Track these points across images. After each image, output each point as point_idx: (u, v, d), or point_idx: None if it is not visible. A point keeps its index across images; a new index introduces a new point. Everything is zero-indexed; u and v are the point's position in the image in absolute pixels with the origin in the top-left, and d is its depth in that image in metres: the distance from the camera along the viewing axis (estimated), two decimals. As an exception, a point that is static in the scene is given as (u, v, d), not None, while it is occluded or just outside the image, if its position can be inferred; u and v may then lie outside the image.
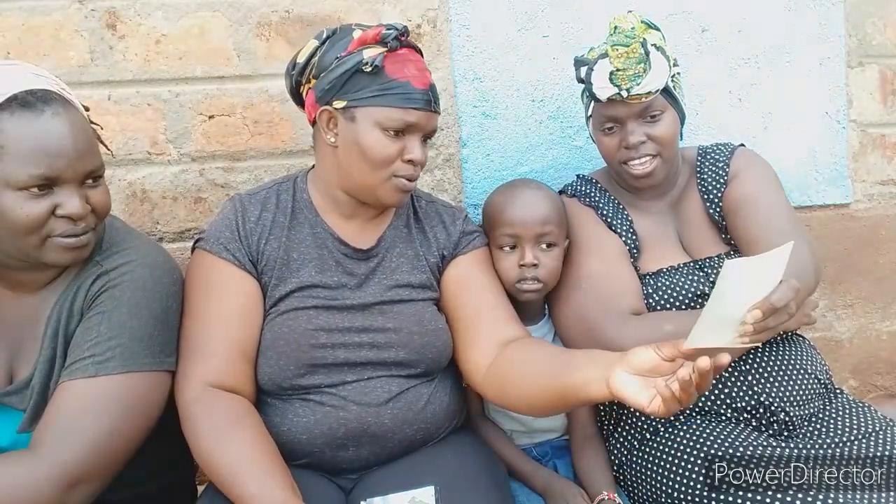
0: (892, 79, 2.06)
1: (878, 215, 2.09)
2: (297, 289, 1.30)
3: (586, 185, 1.62)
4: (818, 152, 2.02)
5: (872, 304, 2.12)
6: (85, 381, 1.11)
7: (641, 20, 1.45)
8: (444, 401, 1.35)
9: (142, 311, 1.18)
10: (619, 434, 1.50)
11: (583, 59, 1.49)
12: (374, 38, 1.26)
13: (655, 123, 1.46)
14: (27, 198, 1.08)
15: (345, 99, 1.26)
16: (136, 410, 1.15)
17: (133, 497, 1.28)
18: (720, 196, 1.53)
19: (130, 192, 1.73)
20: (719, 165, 1.57)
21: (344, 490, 1.28)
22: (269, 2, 1.73)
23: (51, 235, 1.11)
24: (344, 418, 1.24)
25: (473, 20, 1.82)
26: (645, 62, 1.40)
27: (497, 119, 1.86)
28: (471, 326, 1.34)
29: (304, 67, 1.31)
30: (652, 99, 1.43)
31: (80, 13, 1.68)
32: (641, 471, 1.40)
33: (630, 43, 1.40)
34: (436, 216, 1.46)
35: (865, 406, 1.46)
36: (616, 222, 1.54)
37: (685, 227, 1.56)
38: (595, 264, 1.49)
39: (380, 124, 1.25)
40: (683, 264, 1.50)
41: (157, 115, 1.73)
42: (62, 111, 1.11)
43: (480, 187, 1.86)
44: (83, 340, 1.15)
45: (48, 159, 1.07)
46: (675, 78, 1.49)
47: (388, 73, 1.25)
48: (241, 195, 1.39)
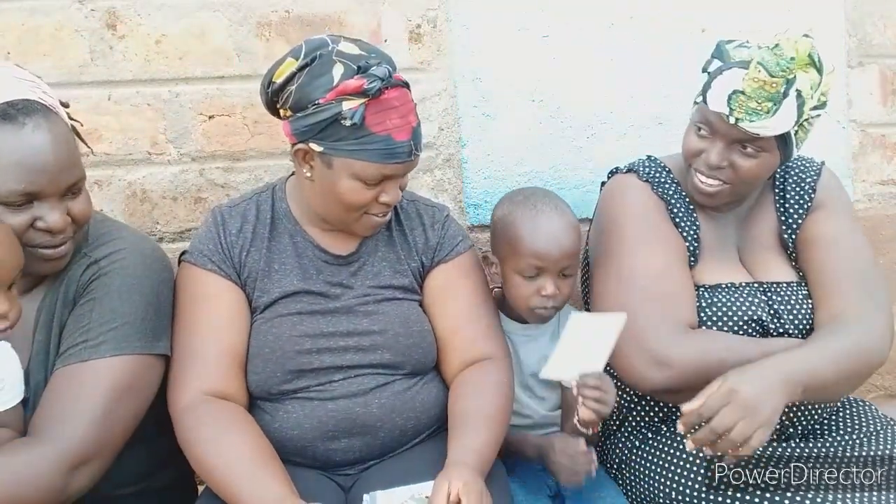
0: (892, 79, 2.06)
1: (878, 215, 2.09)
2: (280, 297, 1.31)
3: (660, 172, 1.47)
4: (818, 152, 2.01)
5: (872, 304, 2.12)
6: (78, 365, 1.13)
7: (809, 53, 1.25)
8: (432, 392, 1.35)
9: (133, 297, 1.19)
10: (621, 433, 1.49)
11: (723, 49, 1.31)
12: (354, 90, 1.17)
13: (747, 157, 1.30)
14: (6, 211, 1.08)
15: (322, 145, 1.23)
16: (130, 392, 1.16)
17: (135, 493, 1.29)
18: (800, 224, 1.41)
19: (130, 192, 1.73)
20: (804, 188, 1.44)
21: (343, 488, 1.28)
22: (269, 2, 1.73)
23: (30, 245, 1.12)
24: (333, 409, 1.26)
25: (473, 20, 1.82)
26: (776, 103, 1.23)
27: (497, 119, 1.86)
28: (445, 343, 1.37)
29: (279, 89, 1.25)
30: (760, 137, 1.28)
31: (80, 13, 1.68)
32: (641, 470, 1.40)
33: (777, 74, 1.22)
34: (416, 218, 1.44)
35: (866, 405, 1.46)
36: (684, 224, 1.41)
37: (751, 243, 1.44)
38: (654, 261, 1.35)
39: (356, 176, 1.23)
40: (746, 283, 1.38)
41: (157, 115, 1.73)
42: (43, 123, 1.10)
43: (480, 187, 1.86)
44: (75, 328, 1.16)
45: (29, 175, 1.07)
46: (804, 124, 1.31)
47: (367, 125, 1.19)
48: (222, 208, 1.39)
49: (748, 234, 1.46)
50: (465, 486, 1.07)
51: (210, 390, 1.22)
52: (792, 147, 1.33)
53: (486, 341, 1.38)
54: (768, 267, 1.42)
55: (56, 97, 1.20)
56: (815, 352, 1.24)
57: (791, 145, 1.32)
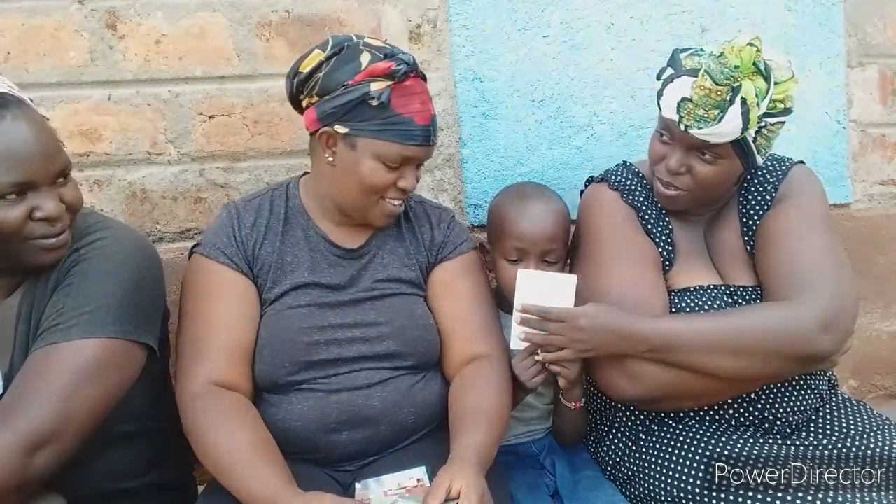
0: (892, 79, 2.06)
1: (878, 215, 2.09)
2: (291, 289, 1.34)
3: (632, 178, 1.49)
4: (818, 152, 2.01)
5: (872, 304, 2.12)
6: (46, 348, 1.12)
7: (754, 62, 1.25)
8: (434, 389, 1.37)
9: (110, 281, 1.18)
10: (612, 435, 1.49)
11: (677, 58, 1.34)
12: (382, 72, 1.26)
13: (705, 164, 1.33)
14: (2, 206, 1.09)
15: (347, 126, 1.29)
16: (97, 376, 1.13)
17: (131, 490, 1.30)
18: (757, 223, 1.41)
19: (130, 192, 1.74)
20: (767, 188, 1.42)
21: (342, 485, 1.29)
22: (269, 2, 1.73)
23: (30, 238, 1.13)
24: (336, 402, 1.28)
25: (473, 20, 1.82)
26: (723, 110, 1.24)
27: (497, 119, 1.86)
28: (445, 338, 1.41)
29: (306, 79, 1.31)
30: (713, 144, 1.29)
31: (80, 13, 1.68)
32: (637, 470, 1.39)
33: (721, 82, 1.24)
34: (424, 217, 1.49)
35: (861, 405, 1.46)
36: (656, 230, 1.44)
37: (719, 248, 1.45)
38: (625, 272, 1.38)
39: (379, 156, 1.29)
40: (714, 287, 1.39)
41: (157, 115, 1.73)
42: (21, 113, 1.10)
43: (480, 187, 1.86)
44: (51, 313, 1.15)
45: (19, 165, 1.08)
46: (762, 130, 1.30)
47: (393, 106, 1.27)
48: (237, 202, 1.43)
49: (715, 239, 1.47)
50: (467, 485, 1.09)
51: (218, 380, 1.24)
52: (752, 154, 1.33)
53: (484, 339, 1.40)
54: (735, 271, 1.42)
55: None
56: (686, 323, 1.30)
57: (751, 153, 1.32)
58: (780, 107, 1.29)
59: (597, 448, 1.54)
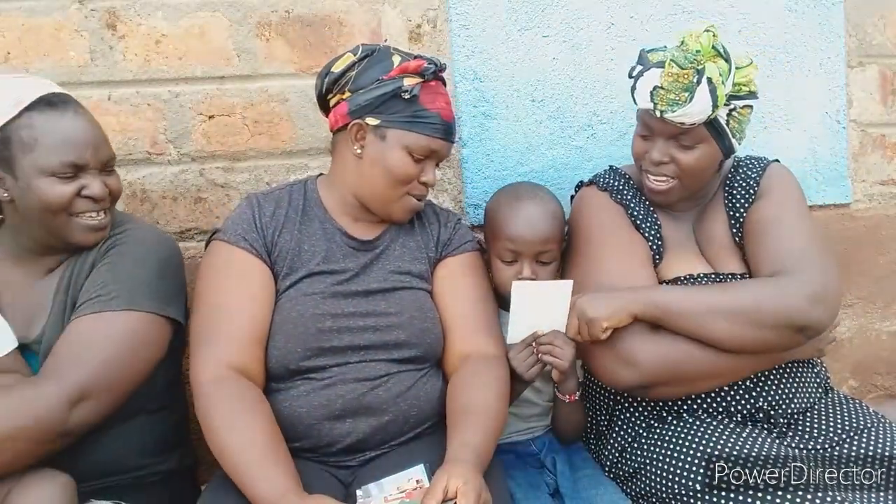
0: (892, 79, 2.06)
1: (878, 215, 2.09)
2: (306, 275, 1.37)
3: (619, 179, 1.57)
4: (818, 152, 2.02)
5: (872, 304, 2.12)
6: (91, 316, 1.26)
7: (713, 45, 1.37)
8: (436, 385, 1.40)
9: (146, 263, 1.34)
10: (612, 433, 1.50)
11: (644, 56, 1.44)
12: (415, 69, 1.37)
13: (685, 150, 1.42)
14: (57, 182, 1.27)
15: (378, 118, 1.37)
16: (136, 346, 1.28)
17: (135, 481, 1.34)
18: (744, 215, 1.49)
19: (130, 192, 1.74)
20: (749, 183, 1.51)
21: (344, 483, 1.30)
22: (269, 2, 1.74)
23: (76, 214, 1.30)
24: (342, 390, 1.31)
25: (473, 20, 1.82)
26: (691, 92, 1.34)
27: (497, 119, 1.86)
28: (444, 334, 1.43)
29: (338, 77, 1.39)
30: (689, 128, 1.38)
31: (80, 13, 1.68)
32: (637, 468, 1.40)
33: (686, 66, 1.35)
34: (433, 216, 1.55)
35: (857, 402, 1.47)
36: (645, 225, 1.50)
37: (708, 241, 1.52)
38: (616, 266, 1.44)
39: (407, 147, 1.38)
40: (704, 274, 1.45)
41: (157, 115, 1.73)
42: (81, 110, 1.32)
43: (480, 187, 1.86)
44: (91, 286, 1.29)
45: (76, 149, 1.27)
46: (733, 113, 1.41)
47: (421, 102, 1.37)
48: (257, 194, 1.48)
49: (704, 232, 1.53)
50: (464, 484, 1.09)
51: (233, 364, 1.26)
52: (727, 137, 1.43)
53: (482, 337, 1.42)
54: (724, 259, 1.48)
55: None
56: (684, 291, 1.38)
57: (725, 136, 1.42)
58: (745, 90, 1.40)
59: (597, 446, 1.55)
